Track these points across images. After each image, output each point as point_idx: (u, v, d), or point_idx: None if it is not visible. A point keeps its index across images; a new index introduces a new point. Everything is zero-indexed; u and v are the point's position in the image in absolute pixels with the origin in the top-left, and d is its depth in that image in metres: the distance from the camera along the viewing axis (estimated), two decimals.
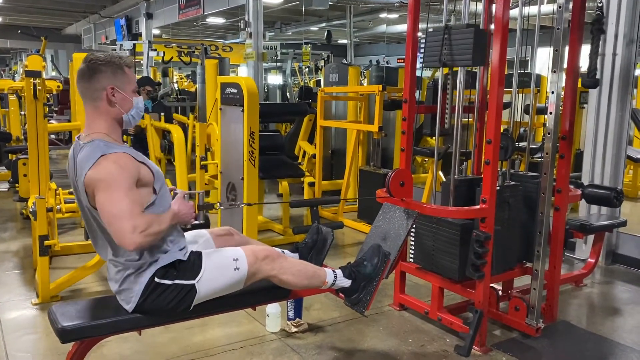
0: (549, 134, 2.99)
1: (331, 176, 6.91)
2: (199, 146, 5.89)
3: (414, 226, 3.11)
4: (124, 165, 1.94)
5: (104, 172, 1.91)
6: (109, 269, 2.14)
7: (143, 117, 6.44)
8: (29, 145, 3.91)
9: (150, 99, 6.63)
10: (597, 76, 3.22)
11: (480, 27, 3.12)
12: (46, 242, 3.40)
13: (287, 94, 12.24)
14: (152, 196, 2.04)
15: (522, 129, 5.49)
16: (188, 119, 7.68)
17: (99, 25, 17.99)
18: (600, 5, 3.09)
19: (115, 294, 2.13)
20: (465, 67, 3.05)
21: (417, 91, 5.52)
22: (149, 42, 11.92)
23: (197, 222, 2.23)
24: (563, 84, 3.04)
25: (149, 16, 13.98)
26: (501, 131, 2.87)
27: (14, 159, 5.70)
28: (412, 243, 3.27)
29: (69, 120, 8.03)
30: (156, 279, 2.05)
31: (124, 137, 7.18)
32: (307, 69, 15.21)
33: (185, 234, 2.28)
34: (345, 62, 11.85)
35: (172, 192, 2.20)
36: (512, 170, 3.24)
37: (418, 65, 3.21)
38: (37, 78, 3.90)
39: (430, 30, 3.00)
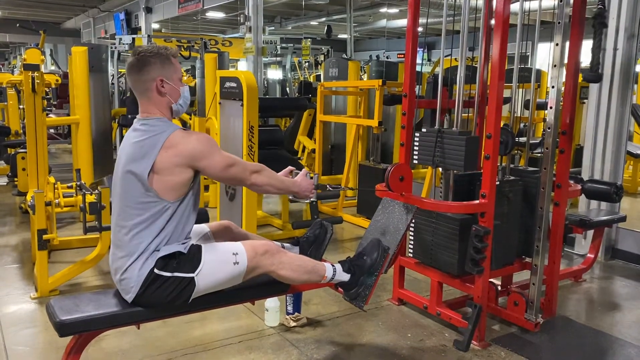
0: (549, 128, 2.98)
1: (331, 171, 6.90)
2: None
3: (413, 221, 3.11)
4: (207, 136, 2.17)
5: (200, 144, 2.07)
6: (112, 255, 2.15)
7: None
8: (28, 139, 3.91)
9: None
10: (599, 71, 3.21)
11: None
12: (45, 236, 3.39)
13: (287, 88, 12.21)
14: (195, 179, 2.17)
15: (522, 124, 5.48)
16: (190, 118, 7.66)
17: (99, 19, 17.93)
18: None
19: (116, 283, 2.14)
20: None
21: (417, 86, 5.51)
22: (149, 36, 11.88)
23: (313, 199, 2.47)
24: (563, 79, 3.03)
25: (149, 10, 13.93)
26: (501, 126, 2.86)
27: (12, 153, 5.69)
28: (412, 238, 3.27)
29: (68, 114, 8.00)
30: (156, 270, 2.05)
31: (124, 131, 7.19)
32: (306, 64, 15.18)
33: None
34: (345, 56, 11.83)
35: (292, 172, 2.44)
36: (511, 165, 3.23)
37: (418, 60, 3.20)
38: (35, 72, 3.89)
39: (424, 131, 3.08)
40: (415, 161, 3.17)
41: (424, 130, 3.10)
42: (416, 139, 3.12)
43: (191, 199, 2.16)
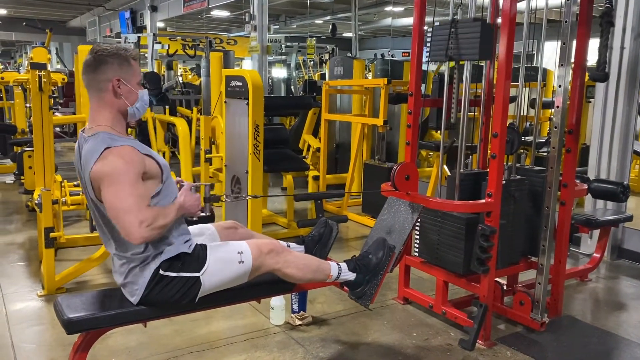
0: (555, 128, 2.97)
1: (336, 170, 6.90)
2: (204, 139, 5.90)
3: (419, 220, 3.11)
4: (130, 159, 1.93)
5: (110, 166, 1.90)
6: (114, 261, 2.15)
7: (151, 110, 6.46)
8: (34, 138, 3.92)
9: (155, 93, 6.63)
10: (606, 70, 3.20)
11: (487, 21, 3.10)
12: (51, 234, 3.41)
13: (292, 87, 12.21)
14: (158, 186, 2.04)
15: (528, 123, 5.46)
16: (192, 112, 7.68)
17: (104, 17, 17.98)
18: None
19: (120, 287, 2.14)
20: (471, 62, 3.03)
21: (423, 85, 5.50)
22: (154, 35, 11.92)
23: (203, 214, 2.21)
24: (570, 78, 3.02)
25: (154, 9, 13.95)
26: (507, 125, 2.85)
27: (19, 151, 5.71)
28: (417, 237, 3.26)
29: (74, 113, 8.03)
30: (161, 272, 2.05)
31: (129, 129, 7.20)
32: (311, 62, 15.16)
33: (190, 227, 2.28)
34: (350, 55, 11.81)
35: (178, 185, 2.20)
36: (517, 165, 3.22)
37: (424, 59, 3.19)
38: (42, 70, 3.90)
39: (437, 24, 2.97)
40: (428, 60, 3.09)
41: (437, 24, 3.01)
42: (428, 35, 3.02)
43: (165, 198, 2.07)
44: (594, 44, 3.04)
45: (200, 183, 2.32)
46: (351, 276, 2.48)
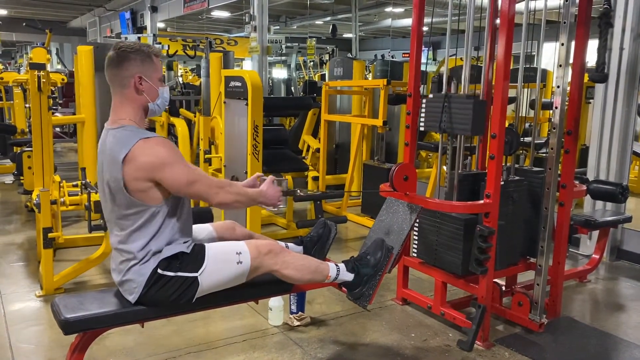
0: (554, 128, 2.97)
1: (335, 170, 6.89)
2: (203, 140, 5.89)
3: (418, 221, 3.11)
4: (171, 145, 2.04)
5: (160, 154, 1.99)
6: (114, 258, 2.15)
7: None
8: (33, 138, 3.92)
9: None
10: (605, 70, 3.20)
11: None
12: (50, 235, 3.41)
13: (292, 88, 12.21)
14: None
15: (527, 124, 5.46)
16: (195, 115, 7.68)
17: (104, 18, 17.98)
18: None
19: (118, 285, 2.14)
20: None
21: (422, 85, 5.50)
22: (154, 35, 11.91)
23: (282, 206, 2.36)
24: (569, 79, 3.02)
25: (154, 9, 13.96)
26: (506, 126, 2.85)
27: (18, 151, 5.71)
28: (416, 238, 3.26)
29: (74, 113, 8.03)
30: (159, 271, 2.05)
31: None
32: (311, 63, 15.17)
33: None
34: (350, 56, 11.82)
35: (259, 179, 2.35)
36: (516, 165, 3.22)
37: (423, 60, 3.19)
38: (41, 70, 3.90)
39: (431, 96, 3.06)
40: (421, 128, 3.14)
41: (430, 96, 3.06)
42: (423, 105, 3.08)
43: (181, 198, 2.12)
44: (593, 44, 3.04)
45: (282, 178, 2.48)
46: (349, 277, 2.47)
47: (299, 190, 2.62)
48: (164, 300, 2.08)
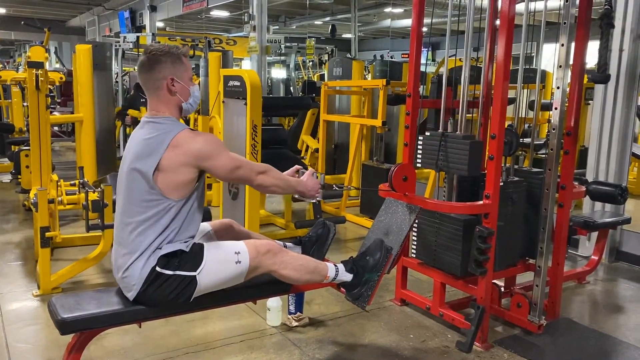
0: (553, 129, 2.97)
1: (334, 170, 6.89)
2: None
3: (417, 221, 3.10)
4: (216, 136, 2.17)
5: (208, 143, 2.08)
6: (115, 253, 2.14)
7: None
8: (31, 137, 3.91)
9: None
10: (606, 72, 3.19)
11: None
12: (47, 234, 3.40)
13: (291, 87, 12.21)
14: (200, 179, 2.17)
15: (526, 125, 5.46)
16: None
17: (103, 17, 17.96)
18: None
19: (118, 281, 2.14)
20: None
21: (421, 86, 5.49)
22: (153, 34, 11.90)
23: (319, 198, 2.45)
24: (569, 80, 3.01)
25: (153, 9, 13.94)
26: (505, 127, 2.84)
27: (16, 150, 5.69)
28: (415, 238, 3.25)
29: (72, 112, 8.02)
30: (157, 269, 2.05)
31: (128, 129, 7.19)
32: (310, 63, 15.17)
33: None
34: (349, 56, 11.81)
35: (299, 171, 2.43)
36: (516, 166, 3.21)
37: (422, 60, 3.19)
38: (39, 69, 3.89)
39: (427, 134, 3.08)
40: (418, 164, 3.16)
41: (427, 133, 3.09)
42: (419, 142, 3.11)
43: (196, 199, 2.15)
44: (592, 46, 3.04)
45: (319, 172, 2.54)
46: (348, 277, 2.47)
47: (334, 186, 2.77)
48: (162, 299, 2.07)
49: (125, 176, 2.12)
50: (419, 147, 3.11)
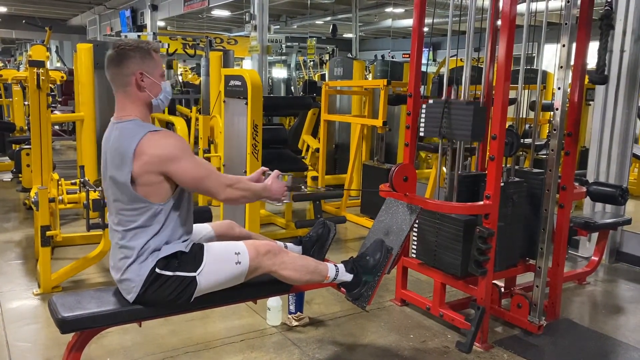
0: (554, 130, 2.96)
1: (334, 170, 6.89)
2: (202, 139, 5.88)
3: (417, 222, 3.10)
4: (179, 138, 2.07)
5: (169, 147, 2.00)
6: (112, 255, 2.14)
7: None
8: (32, 136, 3.91)
9: None
10: (606, 72, 3.19)
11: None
12: (48, 233, 3.40)
13: (292, 87, 12.20)
14: None
15: (527, 125, 5.45)
16: (191, 112, 7.66)
17: (104, 16, 17.96)
18: (609, 0, 3.05)
19: (117, 283, 2.13)
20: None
21: (422, 86, 5.49)
22: (154, 34, 11.90)
23: (286, 201, 2.35)
24: (570, 81, 3.01)
25: (154, 8, 13.94)
26: (506, 127, 2.84)
27: (17, 149, 5.70)
28: (415, 238, 3.25)
29: (73, 111, 8.02)
30: (157, 270, 2.04)
31: None
32: (311, 63, 15.17)
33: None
34: (350, 56, 11.80)
35: (265, 173, 2.36)
36: (516, 167, 3.21)
37: (423, 61, 3.19)
38: (40, 68, 3.89)
39: (431, 102, 3.05)
40: (421, 134, 3.14)
41: (430, 101, 3.06)
42: (423, 110, 3.08)
43: (184, 197, 2.12)
44: (593, 46, 3.04)
45: (287, 173, 2.46)
46: (348, 277, 2.46)
47: (303, 186, 2.60)
48: (162, 300, 2.07)
49: (108, 184, 2.09)
50: (422, 115, 3.07)
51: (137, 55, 2.06)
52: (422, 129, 3.11)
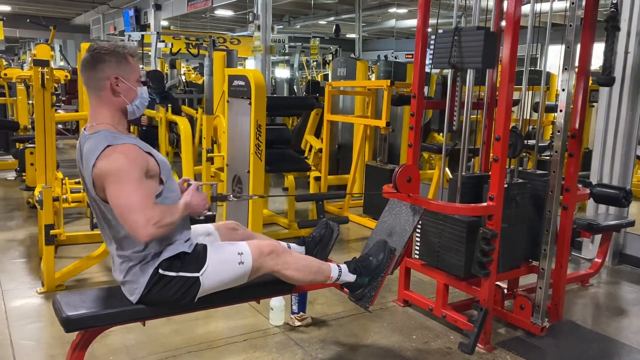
0: (558, 132, 2.96)
1: (337, 171, 6.89)
2: (206, 138, 5.89)
3: (420, 222, 3.10)
4: (133, 157, 1.92)
5: (114, 164, 1.88)
6: (114, 259, 2.14)
7: (153, 109, 6.45)
8: (36, 135, 3.92)
9: (158, 92, 6.62)
10: (612, 74, 3.18)
11: (491, 29, 3.10)
12: (52, 232, 3.41)
13: (295, 87, 12.21)
14: (159, 187, 2.04)
15: (530, 127, 5.45)
16: (197, 112, 7.67)
17: (108, 15, 18.00)
18: (615, 2, 3.05)
19: (120, 285, 2.13)
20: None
21: (426, 87, 5.49)
22: (157, 33, 11.92)
23: (209, 213, 2.18)
24: (574, 82, 3.01)
25: (158, 7, 13.96)
26: (510, 128, 2.84)
27: (21, 147, 5.71)
28: (418, 239, 3.25)
29: (77, 110, 8.04)
30: (160, 271, 2.04)
31: (133, 128, 7.21)
32: (314, 63, 15.17)
33: (191, 227, 2.27)
34: (354, 56, 11.81)
35: (186, 184, 2.21)
36: (520, 168, 3.21)
37: (427, 62, 3.18)
38: (45, 67, 3.90)
39: (440, 31, 2.97)
40: (431, 67, 3.09)
41: (440, 31, 3.00)
42: (431, 42, 3.01)
43: (166, 200, 2.06)
44: (597, 48, 3.03)
45: (207, 182, 2.31)
46: (351, 278, 2.47)
47: (231, 195, 2.46)
48: (165, 300, 2.07)
49: (89, 196, 2.05)
50: (431, 47, 3.00)
51: (113, 60, 1.99)
52: (430, 62, 3.03)
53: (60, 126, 9.71)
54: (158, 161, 2.04)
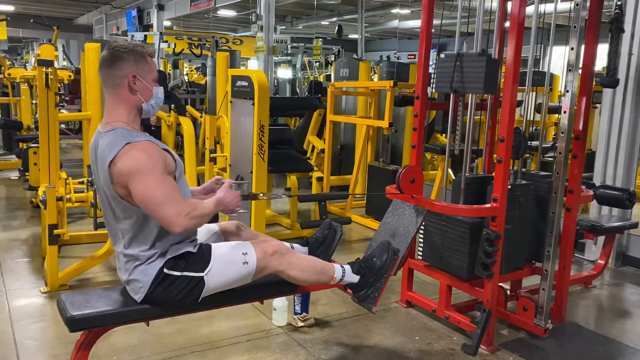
0: (562, 133, 2.96)
1: (340, 171, 6.89)
2: (209, 139, 5.89)
3: (423, 223, 3.10)
4: (153, 153, 1.96)
5: (136, 161, 1.92)
6: (119, 258, 2.15)
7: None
8: (40, 134, 3.93)
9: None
10: (616, 76, 3.18)
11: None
12: (55, 231, 3.41)
13: (297, 88, 12.20)
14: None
15: (534, 128, 5.44)
16: (200, 114, 7.66)
17: (111, 15, 18.02)
18: (619, 3, 3.05)
19: (124, 284, 2.14)
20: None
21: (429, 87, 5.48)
22: (160, 33, 11.91)
23: (241, 211, 2.23)
24: (578, 83, 3.01)
25: (161, 7, 13.97)
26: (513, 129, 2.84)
27: (24, 147, 5.73)
28: (421, 240, 3.25)
29: (80, 110, 8.05)
30: (165, 270, 2.05)
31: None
32: (317, 64, 15.17)
33: None
34: (356, 57, 11.80)
35: (219, 182, 2.26)
36: (523, 169, 3.21)
37: (430, 63, 3.19)
38: (49, 67, 3.91)
39: (442, 56, 3.01)
40: (433, 90, 3.12)
41: (442, 55, 3.03)
42: (434, 66, 3.02)
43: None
44: (601, 49, 3.03)
45: (243, 181, 2.36)
46: (355, 278, 2.47)
47: (261, 194, 2.51)
48: (169, 300, 2.08)
49: (101, 193, 2.07)
50: (433, 71, 3.02)
51: (132, 58, 2.03)
52: (433, 86, 3.06)
53: (63, 126, 9.73)
54: (174, 158, 2.08)
